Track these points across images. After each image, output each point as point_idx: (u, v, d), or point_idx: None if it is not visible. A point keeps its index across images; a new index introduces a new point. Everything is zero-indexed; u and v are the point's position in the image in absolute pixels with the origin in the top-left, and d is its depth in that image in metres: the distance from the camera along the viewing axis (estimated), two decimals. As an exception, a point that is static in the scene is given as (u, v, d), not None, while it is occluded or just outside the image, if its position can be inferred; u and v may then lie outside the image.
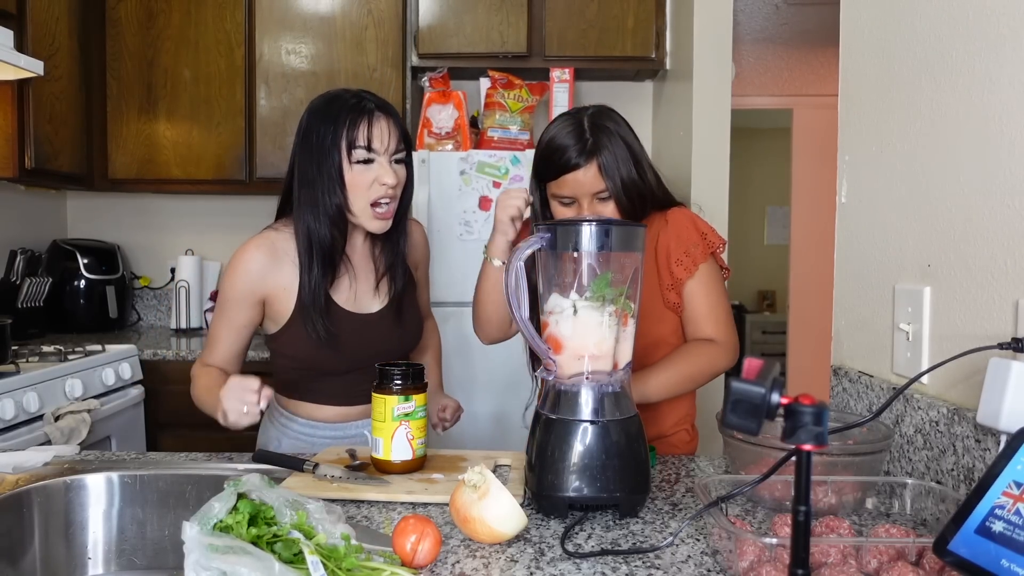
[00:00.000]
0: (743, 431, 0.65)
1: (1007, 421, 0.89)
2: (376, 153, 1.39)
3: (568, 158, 1.38)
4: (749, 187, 6.79)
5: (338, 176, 1.39)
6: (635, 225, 1.09)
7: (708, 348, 1.45)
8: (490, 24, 2.95)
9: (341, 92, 1.45)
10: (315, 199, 1.40)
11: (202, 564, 0.74)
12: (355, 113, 1.39)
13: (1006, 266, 0.97)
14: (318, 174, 1.39)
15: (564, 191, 1.40)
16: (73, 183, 2.92)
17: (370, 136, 1.38)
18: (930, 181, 1.13)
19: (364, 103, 1.41)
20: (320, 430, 1.54)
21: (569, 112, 1.46)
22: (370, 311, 1.51)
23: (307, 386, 1.53)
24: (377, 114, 1.40)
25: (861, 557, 0.83)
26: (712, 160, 2.76)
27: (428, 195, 2.66)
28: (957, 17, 1.07)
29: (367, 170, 1.39)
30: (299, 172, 1.43)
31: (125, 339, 2.86)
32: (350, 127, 1.38)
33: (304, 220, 1.42)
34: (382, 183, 1.39)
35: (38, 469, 1.26)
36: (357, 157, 1.38)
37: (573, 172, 1.38)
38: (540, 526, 1.03)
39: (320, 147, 1.39)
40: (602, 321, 1.06)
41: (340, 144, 1.38)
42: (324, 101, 1.44)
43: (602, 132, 1.40)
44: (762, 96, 5.15)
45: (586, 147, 1.38)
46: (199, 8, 2.96)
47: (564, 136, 1.40)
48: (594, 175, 1.38)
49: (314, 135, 1.40)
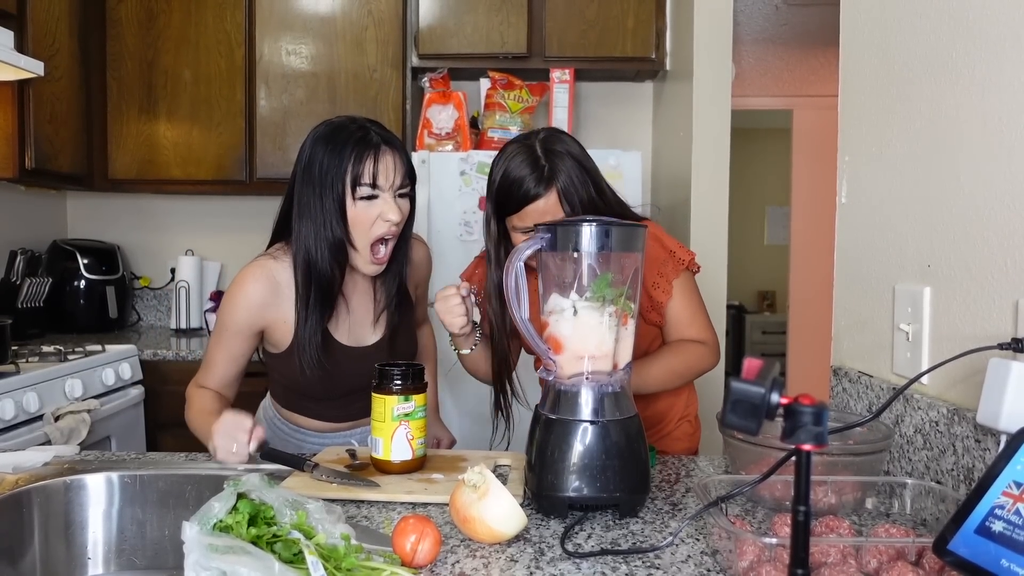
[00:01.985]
0: (743, 431, 0.65)
1: (1007, 421, 0.89)
2: (381, 189, 1.36)
3: (527, 189, 1.36)
4: (749, 187, 6.79)
5: (340, 210, 1.35)
6: (635, 225, 1.10)
7: (697, 347, 1.50)
8: (490, 24, 2.95)
9: (347, 122, 1.40)
10: (316, 232, 1.36)
11: (202, 564, 0.74)
12: (361, 147, 1.35)
13: (1006, 266, 0.97)
14: (320, 207, 1.36)
15: (526, 221, 1.38)
16: (73, 183, 2.92)
17: (375, 172, 1.35)
18: (930, 181, 1.13)
19: (370, 136, 1.37)
20: (313, 437, 1.56)
21: (518, 139, 1.44)
22: (366, 343, 1.49)
23: (301, 403, 1.54)
24: (384, 148, 1.36)
25: (861, 557, 0.83)
26: (712, 160, 2.76)
27: (428, 196, 2.66)
28: (957, 17, 1.07)
29: (370, 206, 1.36)
30: (299, 202, 1.39)
31: (125, 339, 2.86)
32: (355, 162, 1.34)
33: (303, 253, 1.38)
34: (386, 219, 1.36)
35: (38, 469, 1.26)
36: (361, 194, 1.35)
37: (534, 203, 1.36)
38: (540, 526, 1.03)
39: (323, 179, 1.35)
40: (602, 321, 1.06)
41: (345, 179, 1.34)
42: (329, 130, 1.39)
43: (556, 156, 1.38)
44: (762, 96, 5.14)
45: (543, 175, 1.36)
46: (199, 8, 2.96)
47: (520, 167, 1.37)
48: (555, 202, 1.37)
49: (317, 166, 1.36)
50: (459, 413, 2.59)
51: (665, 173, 3.17)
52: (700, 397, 1.70)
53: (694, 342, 1.49)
